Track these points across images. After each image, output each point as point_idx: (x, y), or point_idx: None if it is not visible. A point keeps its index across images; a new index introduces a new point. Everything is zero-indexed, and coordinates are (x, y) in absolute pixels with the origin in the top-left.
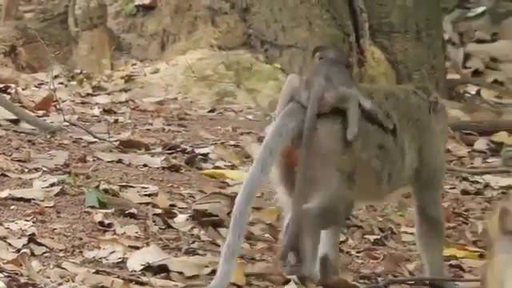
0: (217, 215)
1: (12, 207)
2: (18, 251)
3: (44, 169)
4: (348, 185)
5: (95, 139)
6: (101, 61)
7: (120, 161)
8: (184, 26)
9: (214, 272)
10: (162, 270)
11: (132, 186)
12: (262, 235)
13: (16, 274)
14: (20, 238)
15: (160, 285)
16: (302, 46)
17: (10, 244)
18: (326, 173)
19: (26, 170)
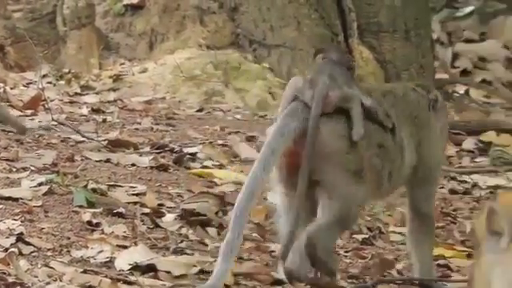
0: (205, 214)
1: (0, 206)
2: (6, 250)
3: (32, 168)
4: (357, 183)
5: (83, 138)
6: (89, 60)
7: (108, 160)
8: (172, 25)
9: (202, 271)
10: (149, 270)
11: (120, 186)
12: (250, 234)
13: (4, 274)
14: (8, 238)
15: (148, 284)
16: (291, 46)
17: None
18: (333, 173)
19: (14, 169)
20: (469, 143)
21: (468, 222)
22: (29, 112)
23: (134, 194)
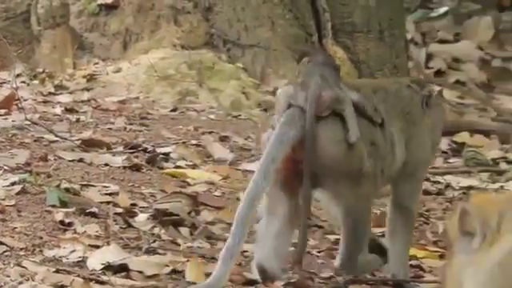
0: (178, 214)
1: None
2: None
3: (5, 167)
4: (360, 183)
5: (57, 138)
6: (63, 60)
7: (81, 160)
8: (147, 25)
9: (174, 271)
10: (122, 269)
11: (93, 185)
12: (223, 235)
13: None
14: None
15: (120, 284)
16: (265, 46)
17: None
18: (336, 179)
19: None
20: (442, 144)
21: (441, 223)
22: (2, 111)
23: (106, 194)
